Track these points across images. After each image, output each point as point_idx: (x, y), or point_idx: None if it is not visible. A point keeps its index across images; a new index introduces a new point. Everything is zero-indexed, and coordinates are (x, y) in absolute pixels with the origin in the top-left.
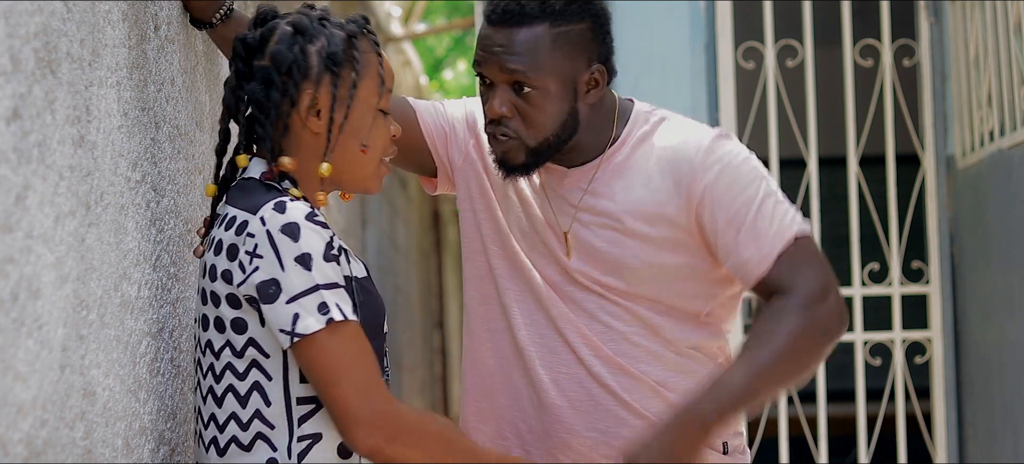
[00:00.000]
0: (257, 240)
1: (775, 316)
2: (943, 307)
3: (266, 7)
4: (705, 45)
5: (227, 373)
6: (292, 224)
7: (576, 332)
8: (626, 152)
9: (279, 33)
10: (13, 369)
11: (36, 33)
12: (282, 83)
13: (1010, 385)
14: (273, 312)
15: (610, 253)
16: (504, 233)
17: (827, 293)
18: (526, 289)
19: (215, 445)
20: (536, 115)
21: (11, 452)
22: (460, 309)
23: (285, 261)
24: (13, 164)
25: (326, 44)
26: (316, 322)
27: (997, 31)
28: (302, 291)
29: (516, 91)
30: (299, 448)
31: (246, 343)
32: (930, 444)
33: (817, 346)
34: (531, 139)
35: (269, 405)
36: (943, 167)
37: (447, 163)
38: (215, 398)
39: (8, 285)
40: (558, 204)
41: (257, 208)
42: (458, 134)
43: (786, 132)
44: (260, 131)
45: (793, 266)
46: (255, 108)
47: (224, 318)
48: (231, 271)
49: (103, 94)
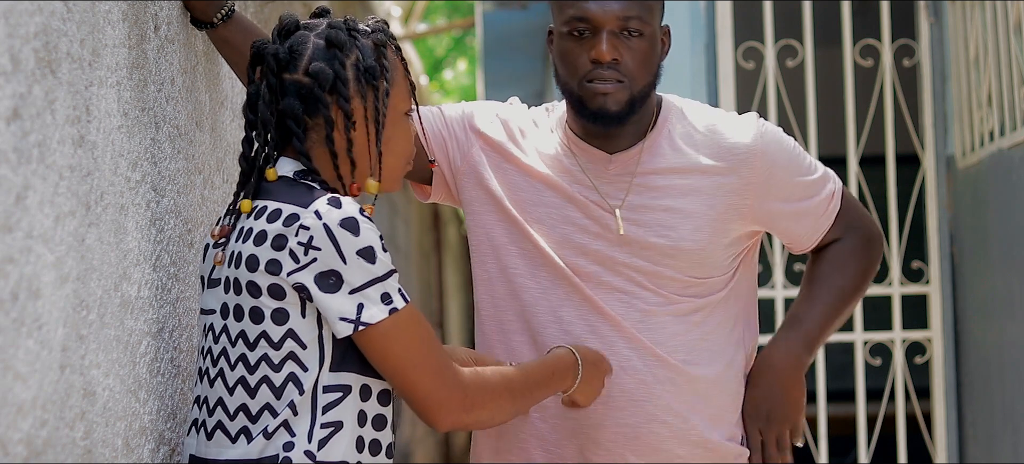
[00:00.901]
0: (313, 233)
1: (834, 254)
2: (943, 307)
3: (288, 18)
4: (705, 45)
5: (263, 364)
6: (351, 219)
7: (609, 324)
8: (668, 132)
9: (313, 48)
10: (13, 369)
11: (36, 33)
12: (326, 100)
13: (1010, 385)
14: (334, 302)
15: (663, 213)
16: (523, 230)
17: (872, 227)
18: (552, 285)
19: (247, 435)
20: (641, 60)
21: (11, 452)
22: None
23: (347, 254)
24: (13, 164)
25: (361, 57)
26: (379, 312)
27: (997, 31)
28: (366, 282)
29: (623, 36)
30: (321, 435)
31: (284, 334)
32: (930, 444)
33: (871, 271)
34: (635, 84)
35: (302, 395)
36: (943, 167)
37: (447, 169)
38: (247, 389)
39: (8, 285)
40: (607, 189)
41: (308, 203)
42: (458, 138)
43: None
44: (298, 146)
45: (844, 217)
46: (293, 123)
47: (264, 308)
48: (279, 261)
49: (103, 94)
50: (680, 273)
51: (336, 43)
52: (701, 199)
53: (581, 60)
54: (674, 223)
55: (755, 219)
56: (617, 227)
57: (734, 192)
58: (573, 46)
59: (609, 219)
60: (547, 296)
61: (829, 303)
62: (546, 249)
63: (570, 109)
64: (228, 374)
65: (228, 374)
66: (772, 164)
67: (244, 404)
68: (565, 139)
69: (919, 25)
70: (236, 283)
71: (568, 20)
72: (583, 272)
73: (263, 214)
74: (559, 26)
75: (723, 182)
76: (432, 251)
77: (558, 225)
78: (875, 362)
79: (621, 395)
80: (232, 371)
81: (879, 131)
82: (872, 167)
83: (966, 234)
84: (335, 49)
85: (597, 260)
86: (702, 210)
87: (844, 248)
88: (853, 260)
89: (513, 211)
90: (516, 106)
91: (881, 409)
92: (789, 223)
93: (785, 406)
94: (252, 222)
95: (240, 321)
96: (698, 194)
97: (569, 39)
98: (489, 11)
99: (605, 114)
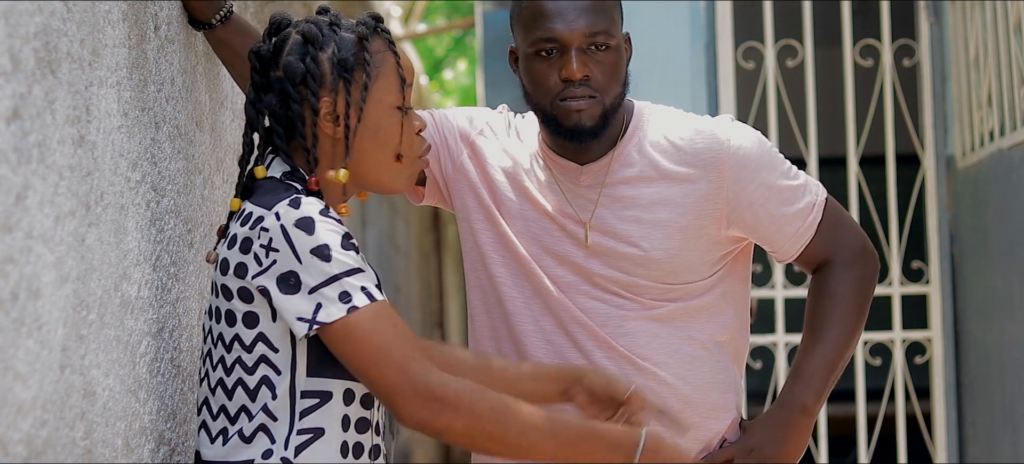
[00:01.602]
0: (272, 234)
1: (830, 285)
2: (943, 307)
3: (279, 16)
4: (705, 45)
5: (237, 366)
6: (306, 218)
7: (587, 333)
8: (638, 140)
9: (290, 43)
10: (13, 369)
11: (36, 33)
12: (298, 94)
13: (1010, 385)
14: (292, 303)
15: (632, 224)
16: (507, 240)
17: (865, 242)
18: (533, 294)
19: (223, 436)
20: (611, 72)
21: (11, 452)
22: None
23: (301, 254)
24: (13, 164)
25: (337, 50)
26: (337, 311)
27: (997, 31)
28: (322, 281)
29: (591, 52)
30: (298, 441)
31: (255, 338)
32: (930, 444)
33: (870, 294)
34: (607, 97)
35: (275, 398)
36: (943, 167)
37: (439, 175)
38: (226, 390)
39: (8, 285)
40: (578, 202)
41: (272, 204)
42: (450, 145)
43: (786, 132)
44: (279, 142)
45: (830, 231)
46: (272, 120)
47: (236, 312)
48: (245, 264)
49: (103, 94)
50: (654, 281)
51: (310, 37)
52: (671, 207)
53: (551, 80)
54: (644, 233)
55: (731, 223)
56: (585, 238)
57: (705, 197)
58: (542, 66)
59: (580, 232)
60: (529, 305)
61: (831, 348)
62: (527, 259)
63: (544, 127)
64: (211, 375)
65: (211, 375)
66: (741, 166)
67: (223, 405)
68: (540, 151)
69: (919, 25)
70: (219, 287)
71: (535, 41)
72: (561, 282)
73: (245, 218)
74: (524, 47)
75: (693, 188)
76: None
77: (537, 236)
78: (875, 362)
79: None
80: (214, 372)
81: (879, 131)
82: (872, 167)
83: (966, 234)
84: (309, 43)
85: (574, 271)
86: (672, 218)
87: (839, 282)
88: (850, 293)
89: (499, 220)
90: (504, 115)
91: (881, 409)
92: (768, 230)
93: (775, 448)
94: (236, 227)
95: (219, 323)
96: (668, 202)
97: (537, 59)
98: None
99: (581, 130)
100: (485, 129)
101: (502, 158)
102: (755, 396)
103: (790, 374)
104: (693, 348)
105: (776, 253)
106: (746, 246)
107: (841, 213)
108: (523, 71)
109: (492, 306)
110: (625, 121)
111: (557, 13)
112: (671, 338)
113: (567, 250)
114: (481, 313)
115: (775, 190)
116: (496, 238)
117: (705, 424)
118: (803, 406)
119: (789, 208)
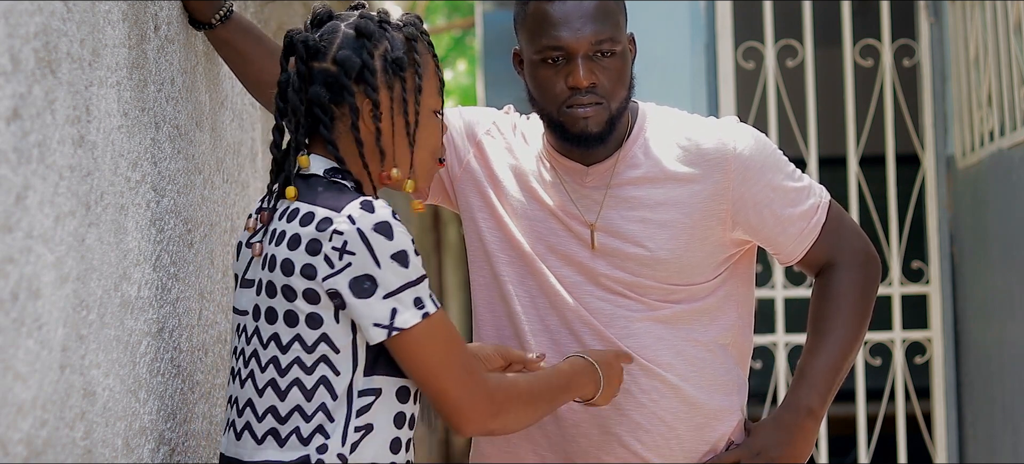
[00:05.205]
0: (347, 237)
1: (834, 288)
2: (943, 307)
3: (321, 8)
4: (705, 45)
5: (295, 366)
6: (385, 223)
7: (593, 333)
8: (644, 142)
9: (342, 37)
10: (13, 369)
11: (36, 33)
12: (351, 88)
13: (1010, 385)
14: (367, 307)
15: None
16: (513, 240)
17: (867, 245)
18: (539, 294)
19: (275, 436)
20: (617, 78)
21: (11, 452)
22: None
23: (381, 259)
24: (13, 164)
25: (389, 48)
26: (413, 317)
27: (997, 31)
28: (399, 287)
29: (597, 58)
30: (354, 438)
31: (318, 338)
32: (930, 444)
33: (873, 297)
34: (613, 103)
35: (335, 399)
36: (943, 167)
37: (445, 174)
38: (277, 392)
39: (8, 285)
40: (584, 202)
41: (341, 207)
42: (457, 145)
43: (786, 132)
44: (325, 134)
45: (833, 234)
46: (319, 111)
47: (298, 312)
48: (314, 266)
49: (103, 94)
50: (659, 281)
51: (365, 32)
52: (676, 208)
53: (558, 87)
54: (650, 233)
55: (736, 224)
56: (591, 242)
57: (710, 198)
58: (548, 73)
59: (586, 233)
60: (535, 304)
61: (835, 350)
62: (533, 258)
63: (549, 132)
64: (258, 376)
65: (258, 376)
66: (746, 167)
67: (273, 406)
68: (545, 152)
69: (919, 25)
70: (270, 286)
71: (541, 49)
72: (567, 282)
73: (295, 217)
74: (531, 54)
75: (698, 189)
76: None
77: (543, 236)
78: (875, 362)
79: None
80: (263, 373)
81: (879, 131)
82: (872, 167)
83: (966, 234)
84: (364, 38)
85: (579, 270)
86: (677, 219)
87: (842, 284)
88: (853, 295)
89: (504, 220)
90: (511, 116)
91: (881, 409)
92: (772, 231)
93: (781, 450)
94: (285, 224)
95: (273, 324)
96: (673, 203)
97: (543, 66)
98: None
99: (587, 136)
100: (491, 129)
101: (508, 158)
102: (755, 396)
103: (795, 377)
104: (697, 350)
105: (780, 255)
106: (749, 249)
107: (844, 216)
108: (529, 76)
109: (497, 305)
110: (630, 122)
111: (564, 21)
112: (675, 340)
113: (572, 250)
114: (485, 312)
115: (780, 191)
116: (502, 237)
117: (711, 426)
118: (809, 408)
119: (793, 209)
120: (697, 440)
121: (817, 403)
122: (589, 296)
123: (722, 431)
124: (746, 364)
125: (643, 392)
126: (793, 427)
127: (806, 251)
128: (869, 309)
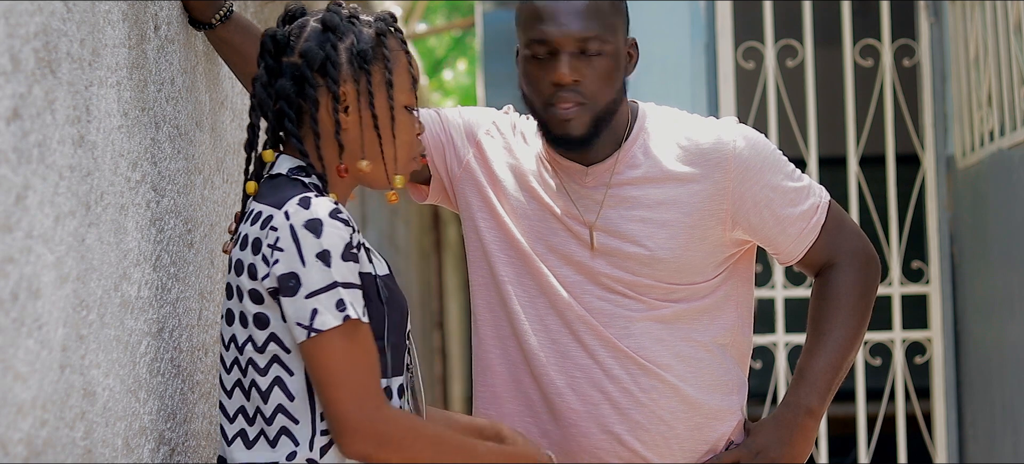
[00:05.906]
0: (279, 234)
1: (833, 288)
2: (943, 307)
3: (294, 5)
4: (705, 45)
5: (250, 368)
6: (315, 220)
7: (592, 333)
8: (643, 141)
9: (309, 30)
10: (13, 369)
11: (36, 33)
12: (315, 80)
13: (1010, 385)
14: (293, 306)
15: (638, 224)
16: (513, 240)
17: (867, 245)
18: (538, 294)
19: (243, 437)
20: (602, 79)
21: (11, 452)
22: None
23: (306, 256)
24: (13, 164)
25: (355, 41)
26: (333, 318)
27: (997, 31)
28: (321, 287)
29: (583, 57)
30: (322, 442)
31: (267, 338)
32: (930, 444)
33: (873, 297)
34: (596, 104)
35: (292, 400)
36: (943, 167)
37: (444, 174)
38: (243, 392)
39: (8, 285)
40: (583, 202)
41: (282, 203)
42: (457, 144)
43: (786, 132)
44: (289, 127)
45: (833, 234)
46: (285, 105)
47: (247, 313)
48: (255, 265)
49: (103, 94)
50: (659, 281)
51: (330, 25)
52: (676, 208)
53: (543, 82)
54: (649, 233)
55: (736, 224)
56: (590, 241)
57: (709, 198)
58: (535, 68)
59: (585, 232)
60: (534, 304)
61: (835, 350)
62: (532, 258)
63: (539, 132)
64: (225, 378)
65: (225, 378)
66: (745, 168)
67: (242, 407)
68: (545, 152)
69: (919, 25)
70: (232, 288)
71: (529, 43)
72: (566, 282)
73: (256, 219)
74: (522, 48)
75: (698, 189)
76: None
77: (542, 235)
78: (875, 362)
79: (606, 403)
80: (228, 375)
81: (879, 131)
82: (872, 167)
83: (966, 234)
84: (329, 31)
85: (579, 270)
86: (677, 219)
87: (841, 284)
88: (853, 295)
89: (504, 220)
90: (511, 116)
91: (881, 409)
92: (772, 231)
93: (781, 449)
94: (248, 227)
95: (231, 325)
96: (673, 203)
97: (531, 61)
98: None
99: (569, 139)
100: (491, 129)
101: (508, 158)
102: (755, 396)
103: (795, 376)
104: (696, 350)
105: (779, 255)
106: (749, 249)
107: (844, 216)
108: (520, 73)
109: (496, 305)
110: (630, 122)
111: (551, 16)
112: (675, 339)
113: (572, 250)
114: (485, 312)
115: (780, 191)
116: (501, 237)
117: (710, 426)
118: (808, 408)
119: (793, 209)
120: (697, 440)
121: (817, 403)
122: (588, 296)
123: (722, 431)
124: (746, 364)
125: (643, 391)
126: (793, 426)
127: (806, 251)
128: (869, 309)
